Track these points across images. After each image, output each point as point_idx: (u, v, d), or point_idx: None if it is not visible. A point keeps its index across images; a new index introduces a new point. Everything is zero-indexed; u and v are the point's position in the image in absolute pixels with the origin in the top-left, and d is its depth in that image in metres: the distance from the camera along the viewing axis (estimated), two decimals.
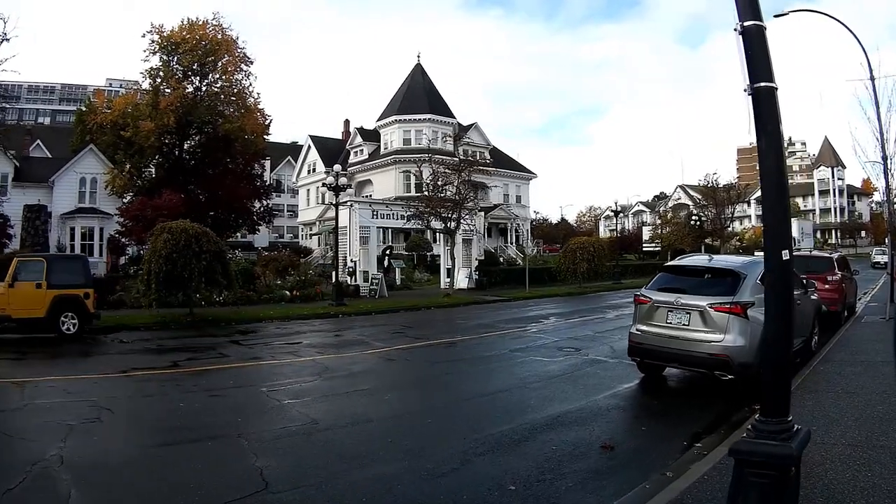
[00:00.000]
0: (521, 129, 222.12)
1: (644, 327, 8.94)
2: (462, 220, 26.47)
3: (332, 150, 52.20)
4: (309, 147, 53.82)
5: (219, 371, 10.77)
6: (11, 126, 39.48)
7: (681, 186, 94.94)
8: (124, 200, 33.24)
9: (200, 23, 35.25)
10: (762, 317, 8.18)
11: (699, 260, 9.66)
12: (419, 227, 28.28)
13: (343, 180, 22.30)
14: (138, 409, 8.24)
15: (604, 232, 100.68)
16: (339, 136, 55.74)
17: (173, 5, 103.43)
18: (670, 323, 8.55)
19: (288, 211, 60.29)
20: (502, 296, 26.31)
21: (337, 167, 21.90)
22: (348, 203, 26.78)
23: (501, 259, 45.45)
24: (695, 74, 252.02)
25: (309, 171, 54.04)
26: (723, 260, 9.33)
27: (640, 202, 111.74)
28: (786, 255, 3.41)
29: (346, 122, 55.27)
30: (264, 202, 38.45)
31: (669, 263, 9.35)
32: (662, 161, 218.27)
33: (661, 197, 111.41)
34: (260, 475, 5.37)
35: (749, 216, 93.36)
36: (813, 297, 11.17)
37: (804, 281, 10.86)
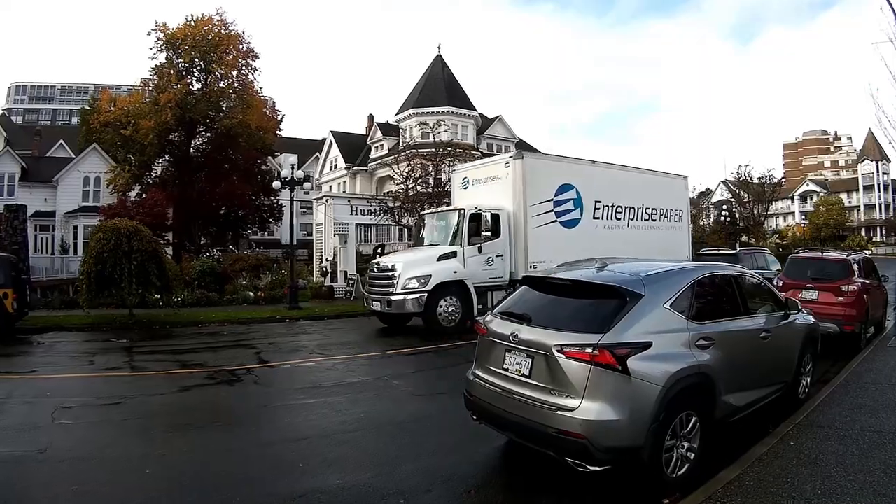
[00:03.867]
0: (575, 126, 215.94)
1: (479, 372, 5.46)
2: None
3: (353, 146, 49.23)
4: (331, 143, 50.94)
5: None
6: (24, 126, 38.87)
7: (723, 182, 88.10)
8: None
9: (205, 18, 33.31)
10: (674, 367, 4.70)
11: (577, 270, 5.82)
12: (389, 223, 24.88)
13: (299, 174, 19.17)
14: None
15: None
16: (363, 132, 52.60)
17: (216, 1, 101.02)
18: (507, 369, 5.06)
19: None
20: None
21: (292, 159, 18.78)
22: (323, 199, 23.74)
23: None
24: (746, 70, 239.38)
25: (331, 168, 51.18)
26: (614, 271, 5.47)
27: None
28: None
29: (371, 117, 52.06)
30: (272, 199, 35.99)
31: (531, 274, 5.70)
32: (712, 157, 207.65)
33: (706, 193, 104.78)
34: None
35: (793, 213, 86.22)
36: (803, 319, 7.34)
37: (784, 299, 7.08)
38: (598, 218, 16.12)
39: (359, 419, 7.03)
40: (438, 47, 47.81)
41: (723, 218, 43.20)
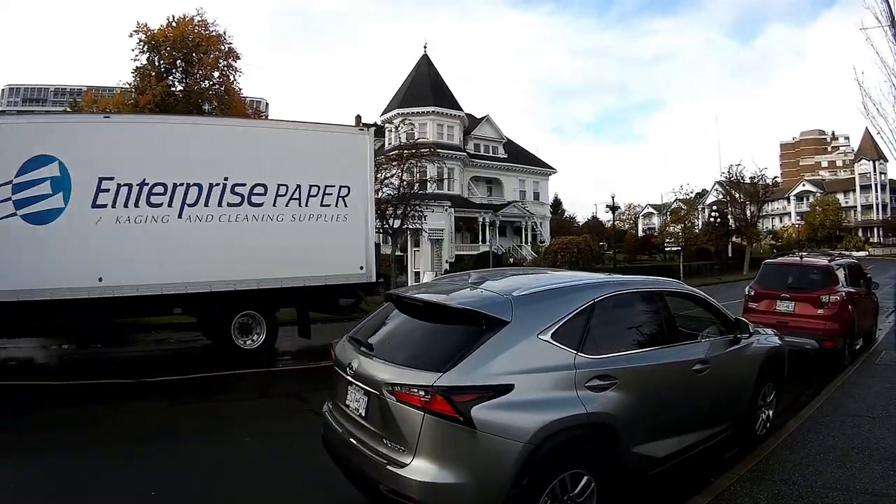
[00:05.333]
0: (573, 126, 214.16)
1: (330, 404, 4.29)
2: (410, 218, 21.61)
3: None
4: None
5: None
6: None
7: (718, 182, 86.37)
8: None
9: (186, 19, 32.31)
10: (547, 417, 3.32)
11: (442, 287, 4.48)
12: None
13: None
14: None
15: (642, 231, 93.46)
16: None
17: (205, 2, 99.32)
18: (349, 406, 3.85)
19: None
20: None
21: None
22: None
23: (512, 259, 39.92)
24: (744, 70, 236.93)
25: None
26: (483, 289, 4.03)
27: (678, 199, 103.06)
28: None
29: (358, 118, 50.34)
30: None
31: (396, 291, 4.34)
32: (710, 157, 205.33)
33: (702, 194, 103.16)
34: None
35: (789, 213, 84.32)
36: (763, 341, 5.93)
37: (734, 320, 5.65)
38: (103, 206, 9.57)
39: None
40: (424, 46, 46.19)
41: (712, 219, 41.48)
